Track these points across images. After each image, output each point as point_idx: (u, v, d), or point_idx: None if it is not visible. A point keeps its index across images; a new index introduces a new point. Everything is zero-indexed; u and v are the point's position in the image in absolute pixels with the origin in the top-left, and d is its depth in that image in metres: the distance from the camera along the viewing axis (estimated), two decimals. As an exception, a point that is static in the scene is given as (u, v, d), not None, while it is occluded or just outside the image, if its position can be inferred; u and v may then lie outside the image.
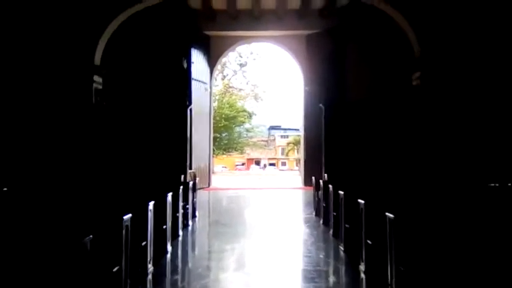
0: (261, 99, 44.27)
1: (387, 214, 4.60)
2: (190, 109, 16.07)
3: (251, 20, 17.00)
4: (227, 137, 45.19)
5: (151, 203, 5.83)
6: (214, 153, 35.69)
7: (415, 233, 4.22)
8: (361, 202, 5.71)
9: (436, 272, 4.01)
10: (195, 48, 16.92)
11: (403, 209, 4.80)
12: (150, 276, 5.56)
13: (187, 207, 9.21)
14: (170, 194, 7.27)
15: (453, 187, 7.83)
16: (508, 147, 11.20)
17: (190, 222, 9.34)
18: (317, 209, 10.27)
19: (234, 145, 47.96)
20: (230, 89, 42.41)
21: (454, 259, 3.97)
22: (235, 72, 40.83)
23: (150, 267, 5.67)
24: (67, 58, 11.90)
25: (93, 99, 12.20)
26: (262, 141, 64.10)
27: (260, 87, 44.70)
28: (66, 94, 11.86)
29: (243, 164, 60.21)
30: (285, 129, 64.25)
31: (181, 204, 8.39)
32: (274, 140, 65.64)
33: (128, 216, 4.69)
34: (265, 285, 5.43)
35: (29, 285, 3.30)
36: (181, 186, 8.58)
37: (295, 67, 19.49)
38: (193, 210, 10.09)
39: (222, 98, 41.48)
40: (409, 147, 12.64)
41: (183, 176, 11.45)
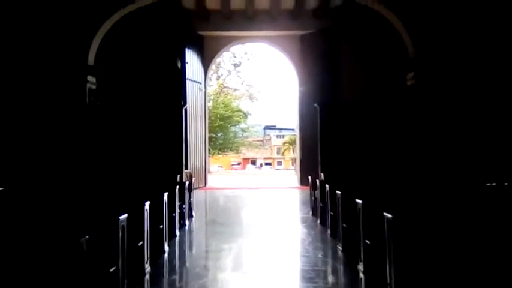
0: (256, 99, 44.34)
1: (385, 214, 4.58)
2: (185, 109, 16.05)
3: (245, 20, 16.98)
4: (222, 136, 45.17)
5: (147, 203, 5.79)
6: (210, 153, 35.63)
7: (413, 233, 4.20)
8: (359, 202, 5.68)
9: (435, 271, 4.00)
10: (189, 48, 16.89)
11: (400, 208, 4.78)
12: (147, 276, 5.52)
13: (184, 207, 9.17)
14: (166, 193, 7.23)
15: (450, 186, 7.82)
16: (504, 146, 11.23)
17: (187, 222, 9.31)
18: (314, 209, 10.25)
19: (230, 145, 47.95)
20: (225, 89, 42.40)
21: (453, 258, 3.96)
22: (230, 72, 40.84)
23: (147, 267, 5.63)
24: (60, 58, 11.85)
25: (87, 100, 12.15)
26: (258, 141, 64.12)
27: (255, 87, 44.76)
28: (60, 94, 11.81)
29: (239, 163, 60.22)
30: (280, 129, 64.34)
31: (178, 204, 8.35)
32: (270, 139, 65.69)
33: (124, 216, 4.65)
34: (264, 285, 5.40)
35: (25, 287, 3.26)
36: (178, 186, 8.54)
37: (290, 67, 19.50)
38: (190, 209, 10.05)
39: (217, 98, 41.47)
40: (404, 147, 12.66)
41: (179, 175, 11.41)
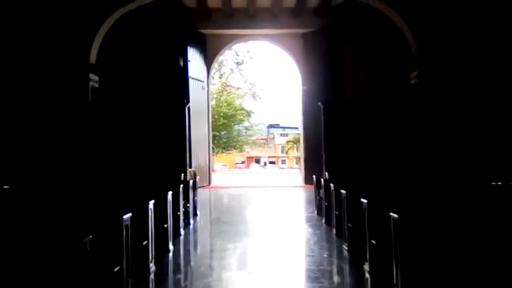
0: (259, 98, 44.23)
1: (391, 214, 4.54)
2: (188, 107, 16.00)
3: (246, 18, 16.92)
4: (226, 135, 45.13)
5: (151, 202, 5.76)
6: (214, 152, 35.63)
7: (419, 233, 4.16)
8: (364, 201, 5.64)
9: (442, 271, 3.95)
10: (191, 46, 16.85)
11: (406, 208, 4.73)
12: (152, 276, 5.49)
13: (188, 205, 9.15)
14: (170, 192, 7.19)
15: (455, 186, 7.76)
16: (509, 145, 11.14)
17: (191, 221, 9.28)
18: (319, 208, 10.20)
19: (234, 143, 47.91)
20: (228, 88, 42.33)
21: (459, 258, 3.91)
22: (232, 70, 40.79)
23: (152, 267, 5.60)
24: (62, 56, 11.81)
25: (89, 98, 12.12)
26: (262, 139, 64.07)
27: (258, 85, 44.68)
28: (62, 93, 11.78)
29: (243, 162, 60.20)
30: (284, 128, 64.30)
31: (182, 203, 8.32)
32: (274, 138, 65.63)
33: (128, 215, 4.62)
34: (269, 285, 5.35)
35: (29, 286, 3.23)
36: (182, 185, 8.51)
37: (293, 65, 19.44)
38: (194, 208, 10.02)
39: (220, 96, 41.40)
40: (409, 146, 12.58)
41: (183, 174, 11.38)
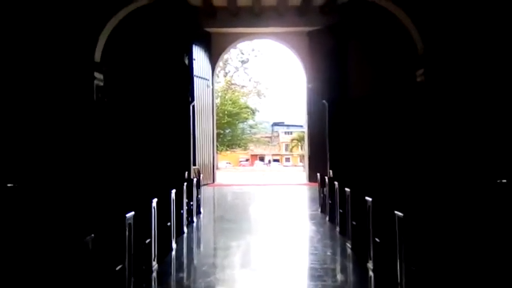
0: (264, 96, 44.24)
1: (396, 212, 4.51)
2: (193, 106, 16.01)
3: (252, 16, 16.91)
4: (230, 133, 45.16)
5: (154, 200, 5.74)
6: (218, 150, 35.64)
7: (424, 231, 4.12)
8: (369, 200, 5.60)
9: (447, 270, 3.92)
10: (196, 45, 16.84)
11: (411, 207, 4.70)
12: (154, 274, 5.48)
13: (192, 203, 9.13)
14: (174, 190, 7.18)
15: (461, 184, 7.71)
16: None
17: (195, 219, 9.26)
18: (323, 206, 10.16)
19: (238, 141, 47.95)
20: (232, 86, 42.37)
21: (464, 257, 3.87)
22: (237, 69, 40.81)
23: (154, 265, 5.59)
24: (67, 55, 11.83)
25: (94, 96, 12.14)
26: (266, 137, 64.02)
27: (262, 83, 44.68)
28: (67, 91, 11.80)
29: (247, 160, 60.18)
30: (288, 126, 64.21)
31: (186, 201, 8.31)
32: (278, 136, 65.56)
33: (131, 214, 4.60)
34: (272, 283, 5.33)
35: (30, 286, 3.22)
36: (185, 183, 8.49)
37: (298, 64, 19.40)
38: (198, 206, 10.01)
39: (225, 94, 41.42)
40: (414, 144, 12.52)
41: (187, 172, 11.37)
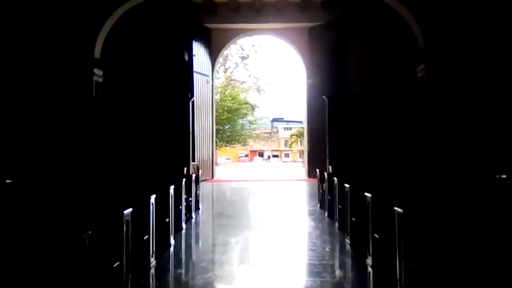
0: (264, 92, 44.19)
1: (396, 208, 4.49)
2: (193, 102, 15.98)
3: (252, 12, 16.86)
4: (230, 129, 45.14)
5: (153, 197, 5.72)
6: (217, 145, 35.63)
7: (423, 227, 4.11)
8: (368, 195, 5.59)
9: (446, 266, 3.91)
10: (196, 41, 16.79)
11: (410, 203, 4.68)
12: (152, 271, 5.46)
13: (190, 199, 9.11)
14: (172, 186, 7.15)
15: (460, 179, 7.70)
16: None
17: (193, 215, 9.25)
18: (322, 202, 10.16)
19: (237, 137, 47.93)
20: (232, 82, 42.31)
21: (464, 253, 3.86)
22: (237, 64, 40.71)
23: (152, 261, 5.57)
24: (66, 51, 11.78)
25: (93, 92, 12.10)
26: (265, 133, 64.06)
27: (262, 79, 44.62)
28: (66, 87, 11.76)
29: (247, 155, 60.21)
30: (288, 122, 64.24)
31: (184, 197, 8.29)
32: (277, 132, 65.58)
33: (129, 210, 4.58)
34: (271, 279, 5.32)
35: (27, 283, 3.21)
36: (184, 179, 8.47)
37: (298, 59, 19.36)
38: (197, 202, 9.99)
39: (225, 90, 41.38)
40: (414, 140, 12.50)
41: (186, 168, 11.35)
